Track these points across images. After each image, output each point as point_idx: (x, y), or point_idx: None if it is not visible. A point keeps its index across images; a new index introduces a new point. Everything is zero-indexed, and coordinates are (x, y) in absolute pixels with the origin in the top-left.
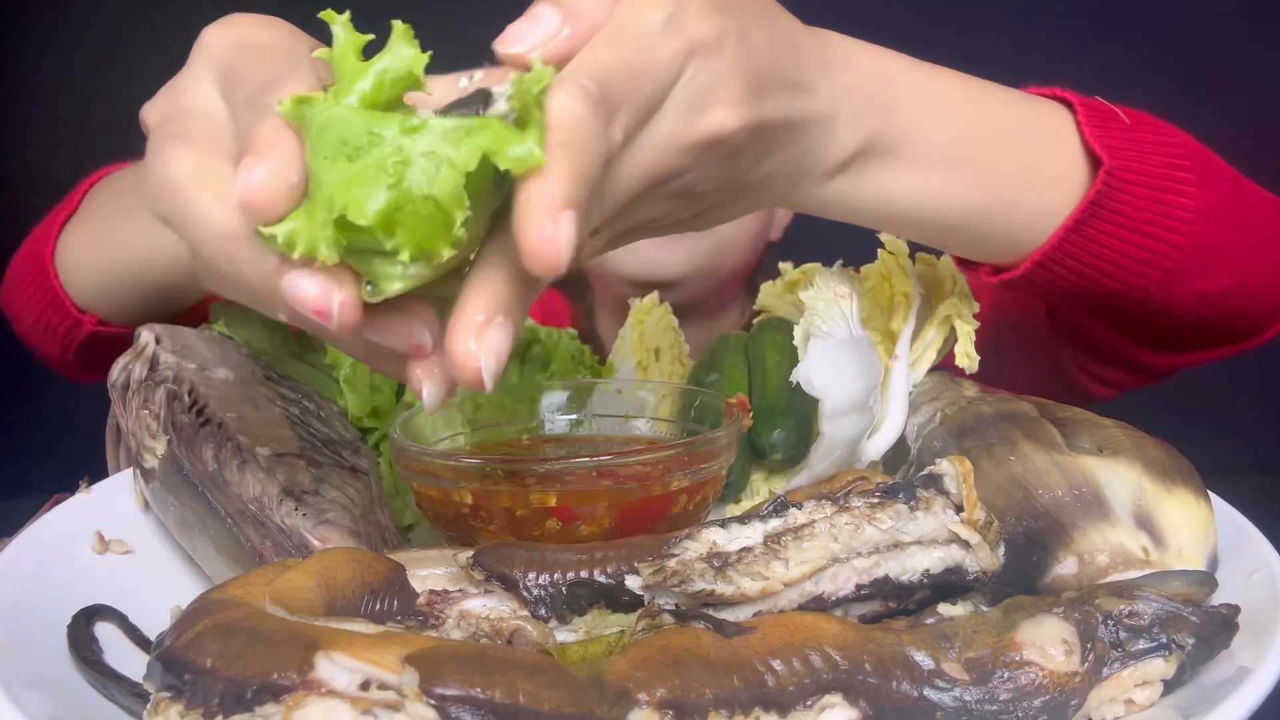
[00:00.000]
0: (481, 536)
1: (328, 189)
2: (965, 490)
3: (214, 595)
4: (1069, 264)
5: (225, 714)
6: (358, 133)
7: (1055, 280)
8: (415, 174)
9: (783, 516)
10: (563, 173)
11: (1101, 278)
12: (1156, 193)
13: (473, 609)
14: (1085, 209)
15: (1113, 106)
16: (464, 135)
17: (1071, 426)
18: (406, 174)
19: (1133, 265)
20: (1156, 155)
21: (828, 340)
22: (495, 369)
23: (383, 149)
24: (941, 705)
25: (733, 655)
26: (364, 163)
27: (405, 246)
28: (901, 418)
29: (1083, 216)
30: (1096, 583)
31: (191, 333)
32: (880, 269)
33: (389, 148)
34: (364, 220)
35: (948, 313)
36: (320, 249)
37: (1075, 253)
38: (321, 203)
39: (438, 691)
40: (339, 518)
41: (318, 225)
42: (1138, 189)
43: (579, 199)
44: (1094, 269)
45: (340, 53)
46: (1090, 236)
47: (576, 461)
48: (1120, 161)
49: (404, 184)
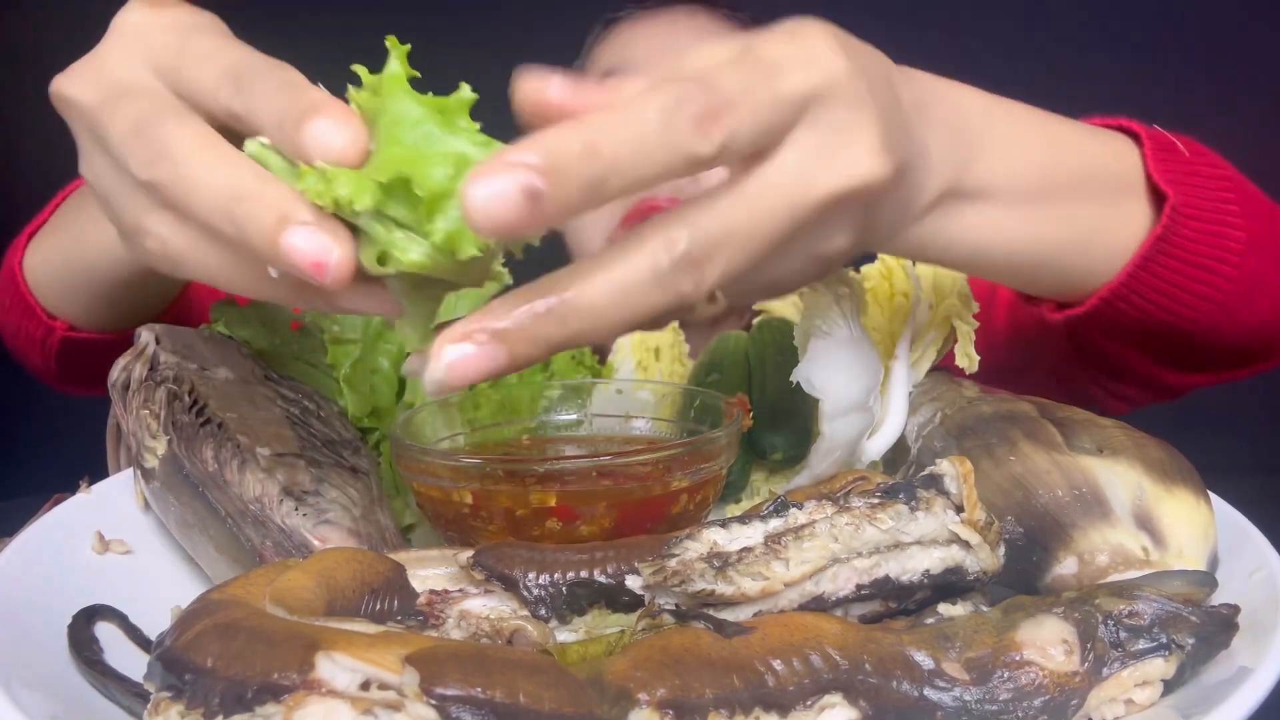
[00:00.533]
0: (481, 536)
1: (389, 159)
2: (966, 490)
3: (214, 595)
4: (1133, 299)
5: (225, 714)
6: (432, 129)
7: (1119, 316)
8: (467, 172)
9: (783, 516)
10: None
11: (1160, 312)
12: (1211, 225)
13: (473, 609)
14: (1152, 244)
15: (1172, 136)
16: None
17: (1071, 426)
18: (460, 169)
19: (1190, 299)
20: (1209, 188)
21: (828, 340)
22: (443, 379)
23: (452, 144)
24: (942, 705)
25: (733, 655)
26: (433, 150)
27: (441, 230)
28: (901, 418)
29: (1149, 252)
30: (1096, 583)
31: (192, 333)
32: (880, 269)
33: (457, 147)
34: (423, 189)
35: (948, 313)
36: (362, 198)
37: (1140, 288)
38: (375, 169)
39: (438, 691)
40: (339, 518)
41: (364, 181)
42: (1196, 223)
43: (544, 166)
44: (1155, 304)
45: (389, 81)
46: (1155, 272)
47: (576, 461)
48: (1182, 196)
49: (456, 177)
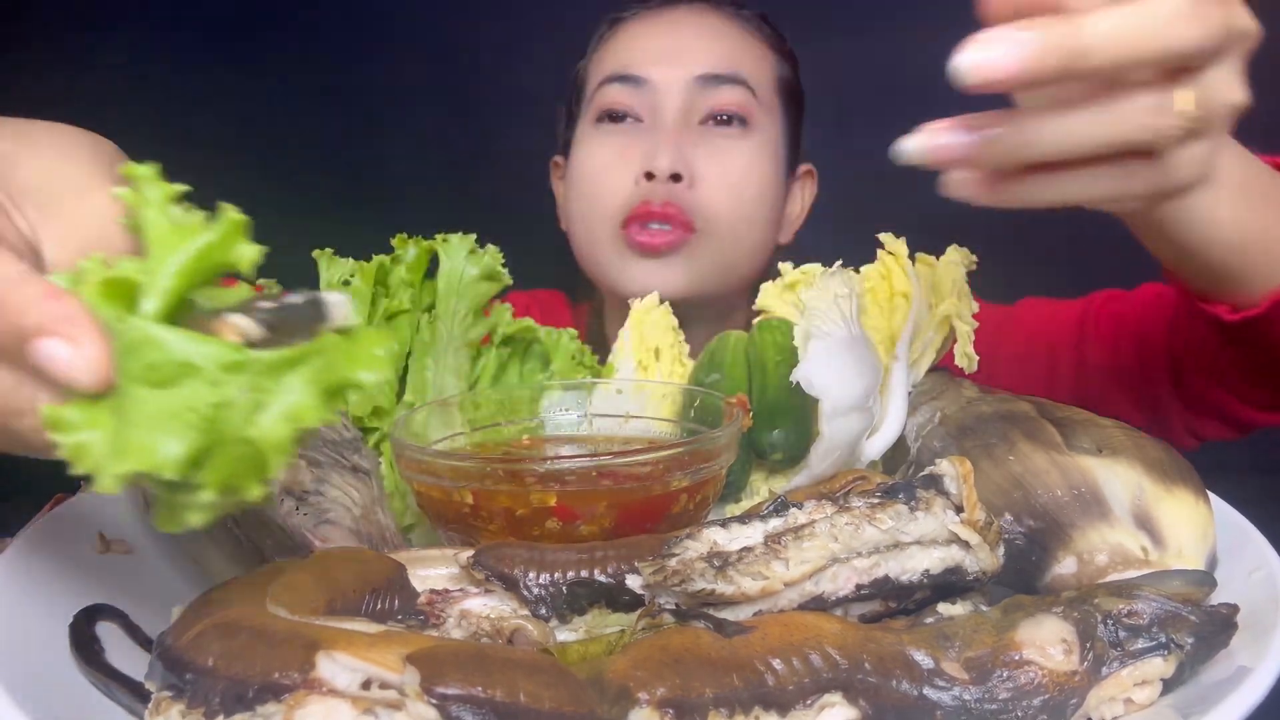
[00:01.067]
0: (482, 536)
1: (132, 416)
2: (965, 491)
3: (215, 595)
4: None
5: (226, 713)
6: (170, 360)
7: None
8: (232, 416)
9: (783, 516)
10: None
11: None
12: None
13: (473, 608)
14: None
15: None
16: (290, 367)
17: (1071, 426)
18: (221, 416)
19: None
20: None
21: (827, 340)
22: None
23: (196, 385)
24: (941, 704)
25: (733, 654)
26: (174, 399)
27: (209, 486)
28: (901, 417)
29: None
30: (1096, 582)
31: None
32: (880, 269)
33: (203, 383)
34: (166, 471)
35: (947, 313)
36: (106, 478)
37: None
38: (125, 421)
39: (438, 691)
40: (340, 517)
41: (112, 448)
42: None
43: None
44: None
45: (151, 212)
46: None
47: (576, 461)
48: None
49: (217, 426)
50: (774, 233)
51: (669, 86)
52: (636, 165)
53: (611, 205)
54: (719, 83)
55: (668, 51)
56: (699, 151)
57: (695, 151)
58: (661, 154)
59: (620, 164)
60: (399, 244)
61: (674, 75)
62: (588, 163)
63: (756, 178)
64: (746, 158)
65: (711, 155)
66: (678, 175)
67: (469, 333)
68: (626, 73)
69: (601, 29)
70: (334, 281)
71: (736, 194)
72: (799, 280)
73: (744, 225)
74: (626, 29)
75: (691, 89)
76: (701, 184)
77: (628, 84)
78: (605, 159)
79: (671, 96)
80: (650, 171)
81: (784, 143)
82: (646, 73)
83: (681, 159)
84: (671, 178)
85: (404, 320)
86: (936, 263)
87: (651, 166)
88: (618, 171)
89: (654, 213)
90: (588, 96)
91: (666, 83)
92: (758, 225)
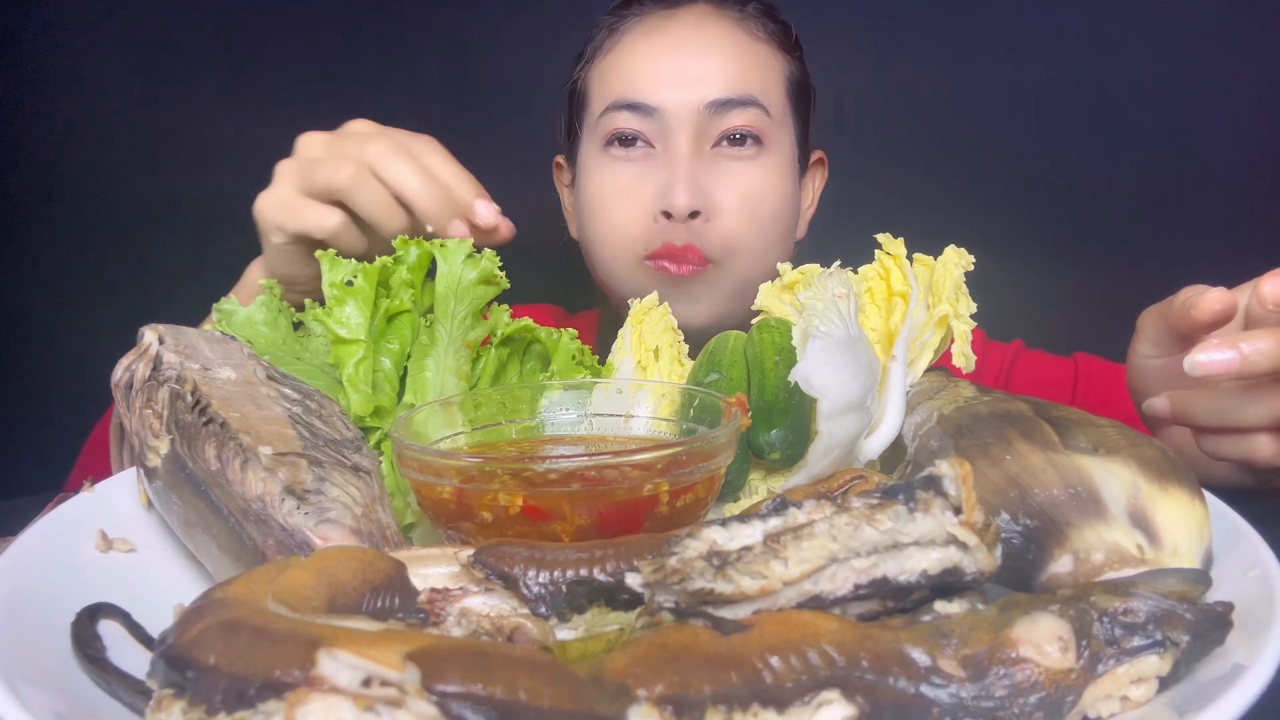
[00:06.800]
0: (481, 535)
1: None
2: (964, 492)
3: (216, 593)
4: None
5: (228, 711)
6: None
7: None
8: None
9: (782, 516)
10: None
11: None
12: None
13: (473, 607)
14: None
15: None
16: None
17: (1067, 426)
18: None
19: None
20: None
21: (826, 340)
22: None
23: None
24: (938, 702)
25: (731, 652)
26: None
27: None
28: (899, 417)
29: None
30: (1092, 580)
31: (194, 333)
32: (878, 269)
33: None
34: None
35: (944, 313)
36: None
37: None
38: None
39: (439, 688)
40: (341, 516)
41: None
42: None
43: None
44: None
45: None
46: None
47: (575, 461)
48: None
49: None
50: (792, 240)
51: (680, 114)
52: (651, 199)
53: (628, 235)
54: (731, 106)
55: (676, 75)
56: (714, 180)
57: (711, 181)
58: (679, 192)
59: (635, 195)
60: (400, 245)
61: (684, 101)
62: (600, 191)
63: (774, 197)
64: (762, 178)
65: (727, 181)
66: (696, 212)
67: (468, 335)
68: (635, 100)
69: (600, 34)
70: (336, 282)
71: (754, 219)
72: (797, 280)
73: (762, 249)
74: (629, 38)
75: (703, 115)
76: (719, 215)
77: (637, 112)
78: (619, 188)
79: (683, 124)
80: (668, 211)
81: (796, 145)
82: (656, 100)
83: (699, 193)
84: (690, 215)
85: (405, 320)
86: (934, 263)
87: (669, 206)
88: (633, 203)
89: (675, 253)
90: (592, 118)
91: (677, 110)
92: (776, 243)
